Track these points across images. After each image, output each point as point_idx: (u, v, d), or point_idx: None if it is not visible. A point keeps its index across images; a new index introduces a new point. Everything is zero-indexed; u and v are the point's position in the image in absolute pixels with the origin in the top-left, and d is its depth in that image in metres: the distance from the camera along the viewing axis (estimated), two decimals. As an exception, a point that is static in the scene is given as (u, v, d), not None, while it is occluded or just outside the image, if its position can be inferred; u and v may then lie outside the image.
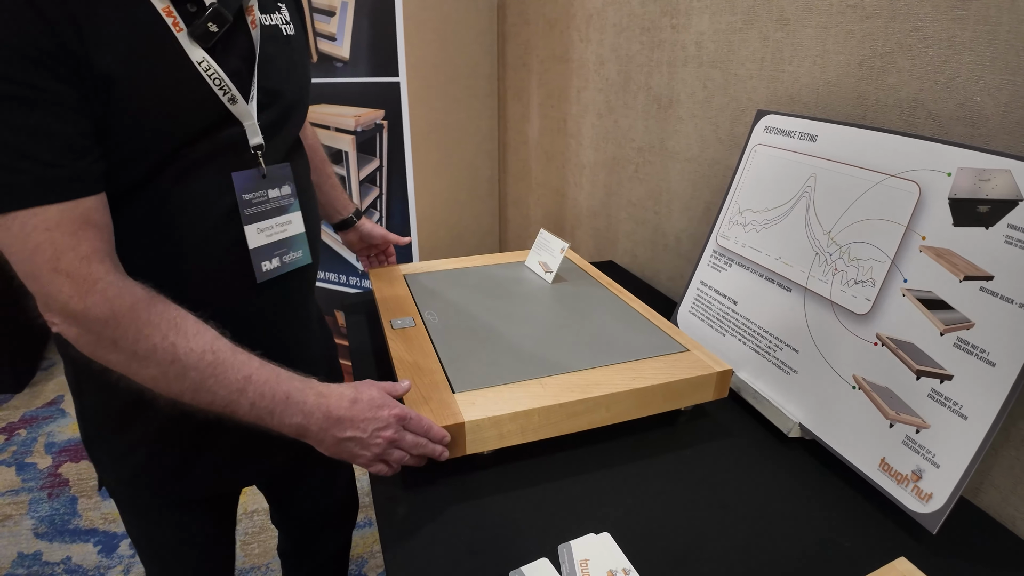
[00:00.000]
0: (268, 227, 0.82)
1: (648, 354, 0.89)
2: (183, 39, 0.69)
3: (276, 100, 0.82)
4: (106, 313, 0.64)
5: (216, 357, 0.68)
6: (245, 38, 0.77)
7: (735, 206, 1.05)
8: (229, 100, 0.74)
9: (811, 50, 1.00)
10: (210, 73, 0.71)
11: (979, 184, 0.70)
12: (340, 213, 1.23)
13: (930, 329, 0.71)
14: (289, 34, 0.86)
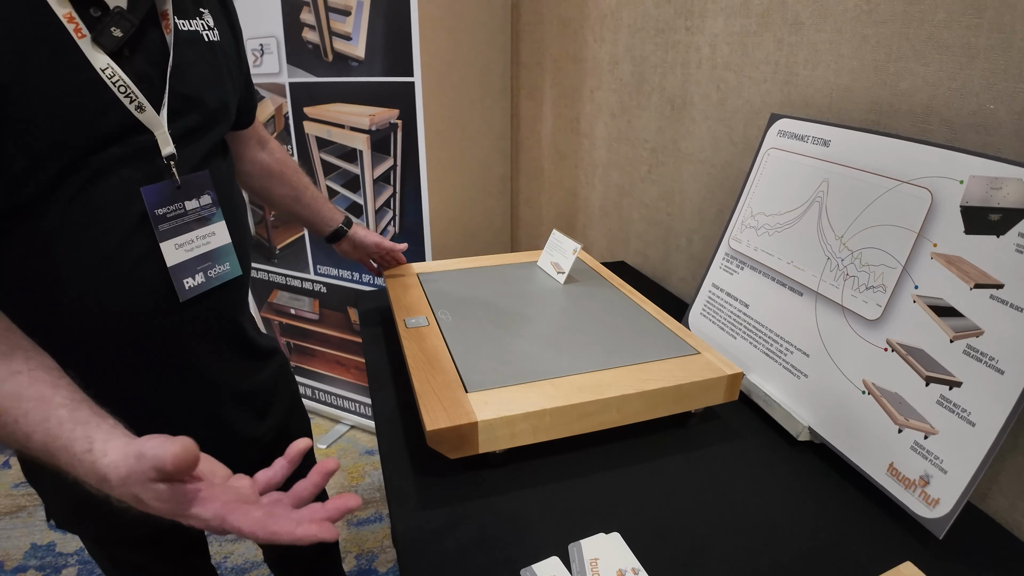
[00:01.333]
0: (188, 241, 0.78)
1: (659, 356, 0.90)
2: (85, 45, 0.66)
3: (195, 107, 0.79)
4: None
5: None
6: (158, 43, 0.74)
7: (748, 209, 1.06)
8: (136, 108, 0.71)
9: (825, 54, 1.00)
10: (115, 80, 0.68)
11: (991, 192, 0.70)
12: (329, 225, 1.21)
13: (940, 336, 0.72)
14: (212, 40, 0.83)
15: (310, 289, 2.27)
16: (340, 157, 1.98)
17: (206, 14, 0.83)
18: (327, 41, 1.81)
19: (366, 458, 2.30)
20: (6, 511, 2.11)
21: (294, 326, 2.39)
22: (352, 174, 1.98)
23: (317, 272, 2.22)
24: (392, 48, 1.74)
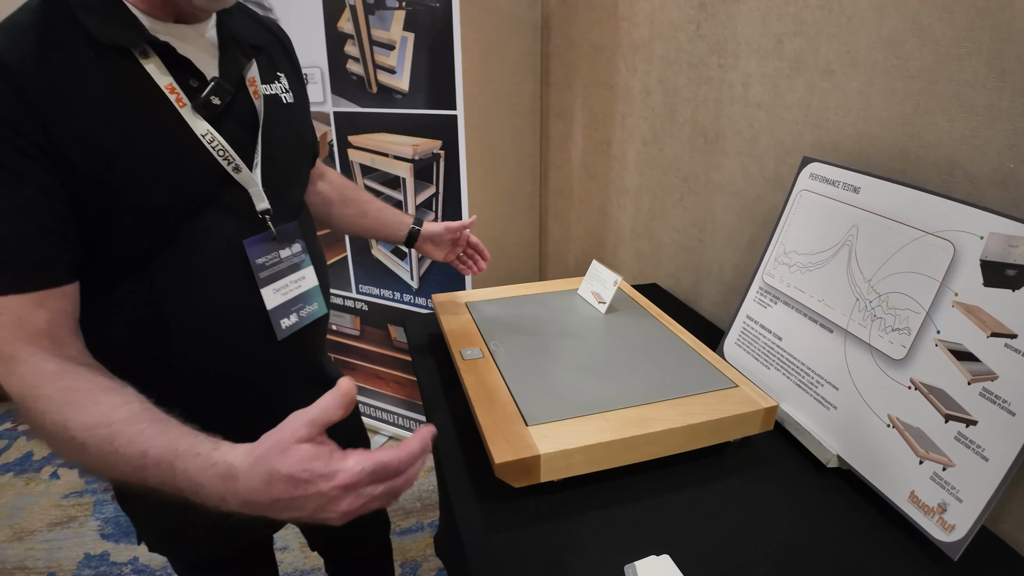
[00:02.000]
0: (283, 286, 0.86)
1: (700, 389, 0.98)
2: (186, 113, 0.73)
3: (281, 165, 0.87)
4: (18, 393, 0.63)
5: (110, 430, 0.60)
6: (247, 108, 0.82)
7: (781, 247, 1.13)
8: (234, 169, 0.78)
9: (855, 103, 1.07)
10: (214, 144, 0.75)
11: (1008, 249, 0.77)
12: (400, 230, 1.22)
13: (959, 378, 0.79)
14: (288, 102, 0.91)
15: (351, 307, 2.37)
16: (384, 183, 2.07)
17: (282, 78, 0.92)
18: (371, 73, 1.90)
19: (404, 467, 2.35)
20: (57, 522, 2.16)
21: (335, 341, 2.49)
22: (395, 200, 2.07)
23: (359, 291, 2.31)
24: (435, 82, 1.83)
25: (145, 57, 0.71)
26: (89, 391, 0.63)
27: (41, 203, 0.64)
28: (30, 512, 2.22)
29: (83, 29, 0.67)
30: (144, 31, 0.71)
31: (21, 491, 2.33)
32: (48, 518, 2.19)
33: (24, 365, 0.63)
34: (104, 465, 0.60)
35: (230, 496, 0.56)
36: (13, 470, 2.45)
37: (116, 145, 0.67)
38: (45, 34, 0.65)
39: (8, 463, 2.50)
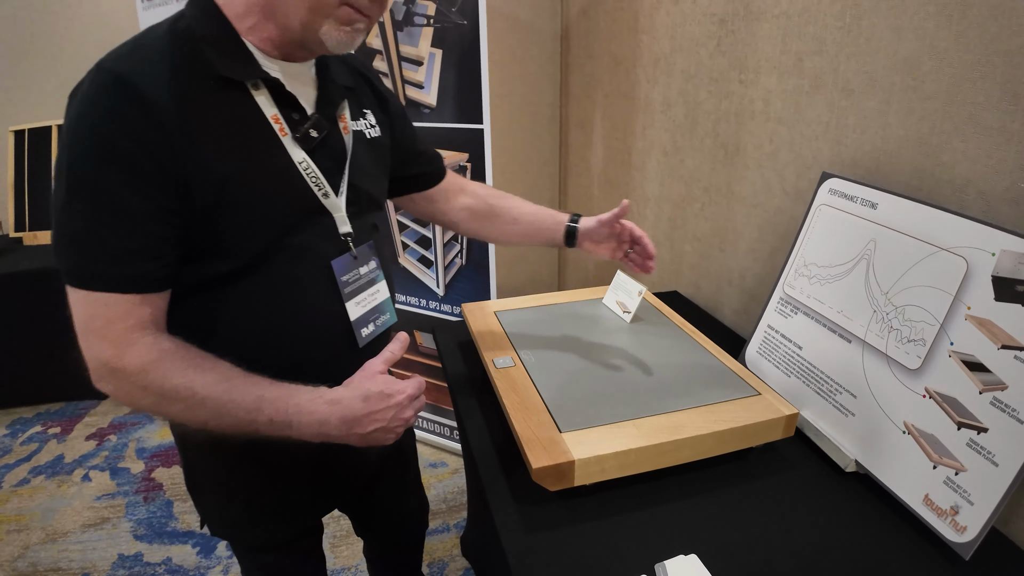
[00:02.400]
0: (363, 299, 0.96)
1: (725, 397, 1.03)
2: (287, 142, 0.82)
3: (361, 194, 0.95)
4: (137, 365, 0.74)
5: (230, 383, 0.76)
6: (338, 141, 0.91)
7: (801, 259, 1.18)
8: (323, 195, 0.87)
9: (873, 121, 1.12)
10: (308, 172, 0.84)
11: (1019, 266, 0.82)
12: (557, 230, 1.21)
13: (971, 387, 0.84)
14: (373, 136, 1.00)
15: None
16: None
17: (368, 114, 1.01)
18: (400, 88, 1.96)
19: (430, 471, 2.40)
20: (90, 523, 2.21)
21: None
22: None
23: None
24: (463, 97, 1.88)
25: (256, 89, 0.79)
26: (205, 358, 0.77)
27: (151, 227, 0.73)
28: (63, 514, 2.28)
29: (205, 60, 0.75)
30: (258, 67, 0.79)
31: (53, 493, 2.40)
32: (81, 520, 2.25)
33: (139, 345, 0.74)
34: (218, 414, 0.76)
35: (334, 418, 0.78)
36: (45, 473, 2.52)
37: (230, 168, 0.76)
38: (172, 62, 0.73)
39: (39, 466, 2.57)
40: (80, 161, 0.70)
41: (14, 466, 2.59)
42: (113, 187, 0.70)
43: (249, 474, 0.97)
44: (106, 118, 0.69)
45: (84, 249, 0.71)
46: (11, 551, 2.13)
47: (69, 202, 0.71)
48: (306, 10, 0.75)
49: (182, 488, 2.39)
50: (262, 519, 1.03)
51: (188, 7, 0.79)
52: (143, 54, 0.73)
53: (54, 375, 2.98)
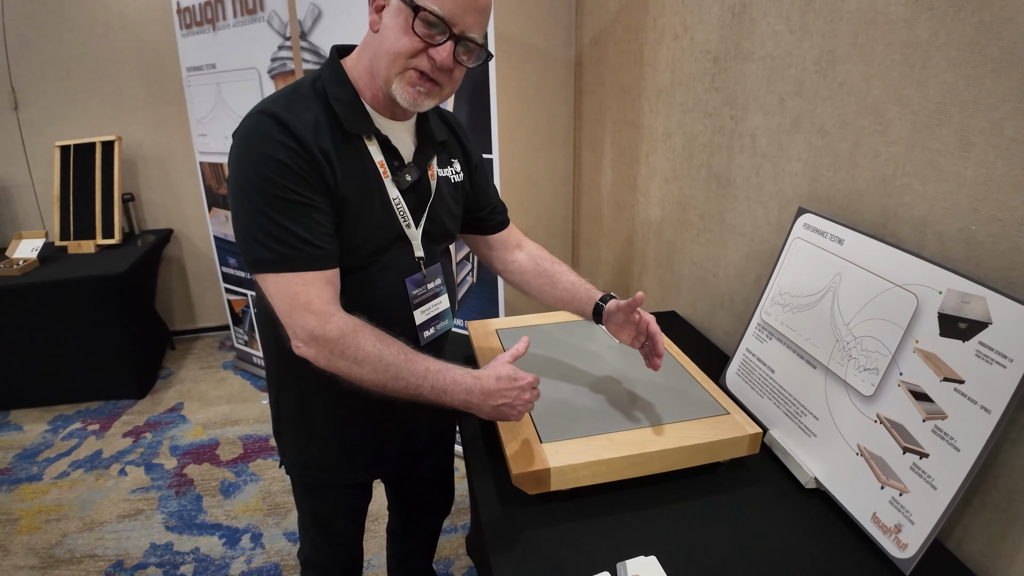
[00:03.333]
0: (427, 309, 1.16)
1: (696, 415, 1.12)
2: (387, 182, 1.05)
3: (436, 227, 1.15)
4: (336, 333, 0.94)
5: (406, 355, 0.98)
6: (425, 185, 1.12)
7: (777, 288, 1.26)
8: (407, 226, 1.08)
9: (845, 161, 1.20)
10: (399, 207, 1.06)
11: (962, 305, 0.89)
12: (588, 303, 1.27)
13: (916, 415, 0.91)
14: (456, 182, 1.21)
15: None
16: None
17: (455, 163, 1.22)
18: (416, 116, 2.09)
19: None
20: (125, 514, 2.37)
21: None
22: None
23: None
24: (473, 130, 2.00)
25: (369, 140, 1.03)
26: (384, 334, 0.98)
27: (328, 220, 0.97)
28: (100, 505, 2.44)
29: (336, 117, 0.99)
30: (373, 126, 1.03)
31: (91, 486, 2.56)
32: (117, 511, 2.41)
33: (338, 316, 0.96)
34: (395, 378, 0.96)
35: (476, 389, 0.98)
36: (84, 467, 2.69)
37: (349, 195, 0.99)
38: (315, 115, 0.97)
39: (79, 460, 2.73)
40: (264, 180, 0.92)
41: (55, 460, 2.75)
42: (295, 194, 0.93)
43: (329, 427, 1.19)
44: (275, 147, 0.92)
45: (284, 242, 0.93)
46: (49, 538, 2.28)
47: (262, 211, 0.93)
48: (386, 68, 0.96)
49: (211, 484, 2.56)
50: (330, 463, 1.23)
51: (325, 69, 1.03)
52: (294, 106, 0.96)
53: (94, 376, 3.17)
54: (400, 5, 0.93)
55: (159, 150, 3.54)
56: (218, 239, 3.27)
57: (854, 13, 1.14)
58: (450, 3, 0.92)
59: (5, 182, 3.51)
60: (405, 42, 0.93)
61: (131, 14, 3.28)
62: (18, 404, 3.19)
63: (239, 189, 0.94)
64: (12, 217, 3.58)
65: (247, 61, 2.71)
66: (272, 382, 1.22)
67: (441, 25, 0.92)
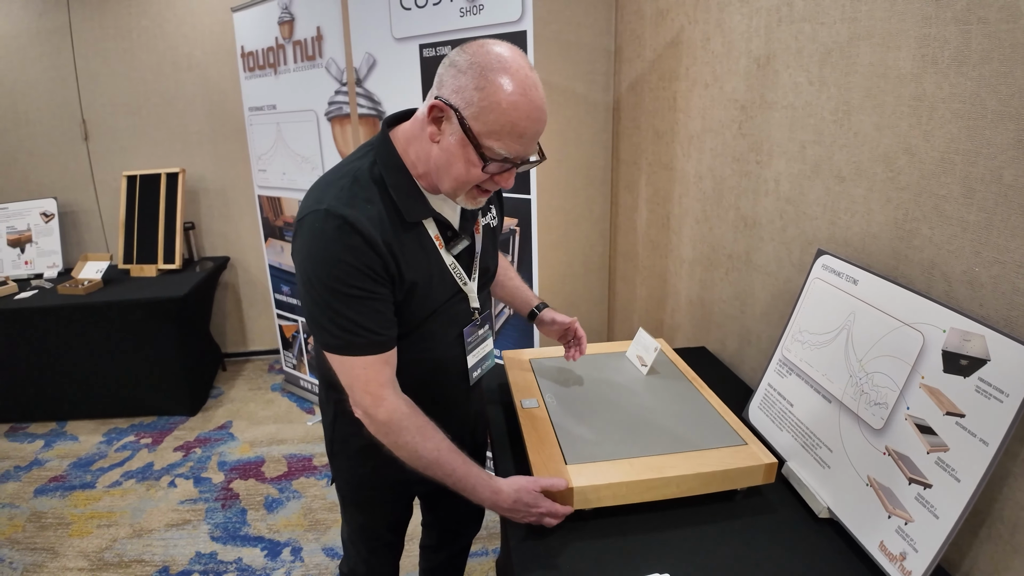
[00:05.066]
0: (476, 352, 1.29)
1: (714, 445, 1.18)
2: (443, 252, 1.14)
3: (486, 274, 1.27)
4: (384, 419, 1.07)
5: (437, 455, 1.08)
6: (473, 242, 1.22)
7: (797, 325, 1.32)
8: (463, 284, 1.19)
9: (860, 206, 1.26)
10: (455, 270, 1.16)
11: (963, 343, 0.95)
12: (526, 307, 1.55)
13: (920, 448, 0.97)
14: (493, 226, 1.31)
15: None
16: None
17: (492, 209, 1.31)
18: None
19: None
20: (173, 524, 2.50)
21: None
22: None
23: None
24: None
25: (426, 219, 1.11)
26: (425, 426, 1.09)
27: (388, 307, 1.06)
28: (149, 514, 2.58)
29: (396, 207, 1.06)
30: (430, 209, 1.11)
31: (142, 495, 2.70)
32: (165, 520, 2.54)
33: (388, 401, 1.07)
34: (426, 468, 1.09)
35: (487, 501, 1.09)
36: (136, 477, 2.84)
37: (415, 277, 1.08)
38: (377, 208, 1.03)
39: (131, 471, 2.89)
40: (332, 278, 1.00)
41: (108, 469, 2.91)
42: (359, 290, 1.01)
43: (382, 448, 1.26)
44: (342, 249, 0.99)
45: (348, 331, 1.03)
46: (100, 543, 2.42)
47: (328, 303, 1.02)
48: (450, 188, 1.05)
49: (256, 499, 2.67)
50: (381, 481, 1.33)
51: (379, 155, 1.08)
52: (357, 201, 1.02)
53: (149, 392, 3.34)
54: (465, 140, 0.98)
55: (220, 182, 3.76)
56: (273, 268, 3.43)
57: (867, 67, 1.21)
58: (518, 145, 0.99)
59: (74, 207, 3.77)
60: (473, 175, 1.01)
61: (198, 56, 3.52)
62: (75, 415, 3.38)
63: (307, 279, 1.03)
64: (79, 240, 3.83)
65: (306, 103, 2.89)
66: (328, 407, 1.32)
67: (507, 161, 1.01)
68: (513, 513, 1.09)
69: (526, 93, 0.96)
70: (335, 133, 2.82)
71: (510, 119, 0.96)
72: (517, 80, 0.96)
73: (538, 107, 0.98)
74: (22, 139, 3.61)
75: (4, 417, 3.36)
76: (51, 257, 3.63)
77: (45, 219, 3.64)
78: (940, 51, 1.05)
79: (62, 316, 3.11)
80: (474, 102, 0.96)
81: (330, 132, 2.84)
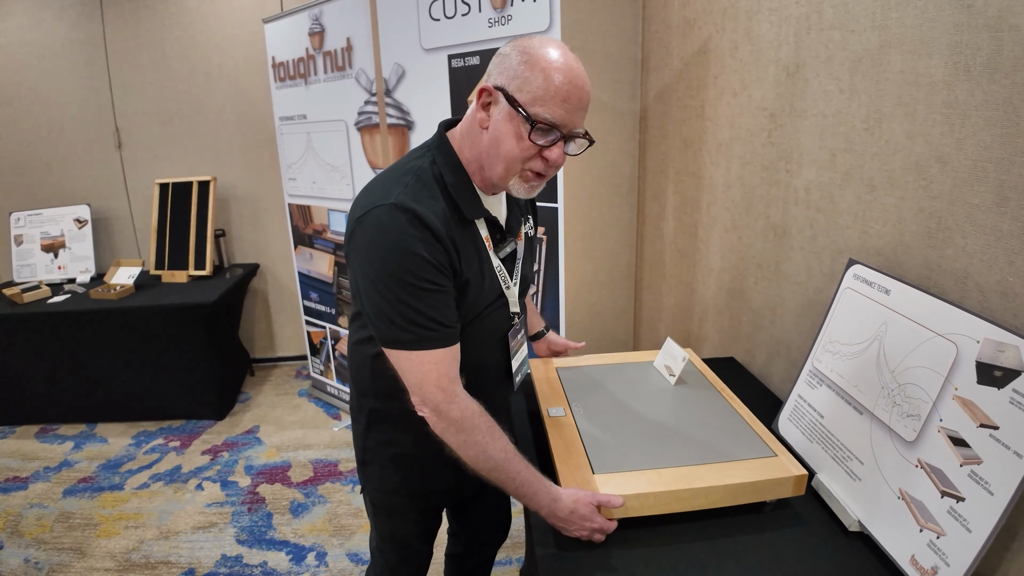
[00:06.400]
0: (518, 356, 1.31)
1: (743, 456, 1.17)
2: (491, 253, 1.17)
3: (525, 280, 1.30)
4: (457, 416, 1.07)
5: (504, 456, 1.09)
6: (514, 247, 1.25)
7: (827, 336, 1.31)
8: (506, 288, 1.21)
9: (892, 215, 1.25)
10: (500, 272, 1.18)
11: (997, 354, 0.93)
12: (535, 328, 1.65)
13: (953, 460, 0.95)
14: (531, 235, 1.35)
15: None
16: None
17: (529, 218, 1.36)
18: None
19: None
20: (199, 526, 2.53)
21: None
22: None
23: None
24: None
25: (478, 220, 1.14)
26: (494, 427, 1.10)
27: (453, 300, 1.08)
28: (176, 516, 2.62)
29: (455, 205, 1.08)
30: (484, 209, 1.14)
31: (170, 498, 2.75)
32: (192, 522, 2.57)
33: (461, 398, 1.08)
34: (490, 469, 1.08)
35: (548, 509, 1.08)
36: (164, 479, 2.88)
37: (469, 275, 1.10)
38: (441, 204, 1.06)
39: (159, 473, 2.94)
40: (404, 272, 1.01)
41: (136, 472, 2.97)
42: (430, 283, 1.02)
43: (414, 458, 1.29)
44: (414, 242, 1.01)
45: (421, 325, 1.03)
46: (127, 544, 2.46)
47: (400, 298, 1.02)
48: (502, 170, 1.06)
49: (282, 503, 2.70)
50: (413, 490, 1.34)
51: (438, 154, 1.11)
52: (422, 198, 1.04)
53: (178, 396, 3.39)
54: (512, 113, 1.02)
55: (250, 191, 3.83)
56: (301, 275, 3.48)
57: (898, 75, 1.20)
58: (562, 110, 1.00)
59: (107, 213, 3.86)
60: (522, 148, 1.03)
61: (230, 66, 3.59)
62: (105, 418, 3.45)
63: (376, 275, 1.03)
64: (111, 246, 3.92)
65: (335, 113, 2.94)
66: (361, 416, 1.32)
67: (554, 130, 1.02)
68: (567, 524, 1.08)
69: (567, 62, 1.01)
70: (364, 143, 2.86)
71: (553, 84, 0.99)
72: (559, 51, 1.02)
73: (579, 75, 1.02)
74: (57, 146, 3.71)
75: (35, 418, 3.44)
76: (84, 262, 3.72)
77: (79, 225, 3.73)
78: (972, 58, 1.04)
79: (94, 320, 3.18)
80: (519, 75, 1.01)
81: (359, 142, 2.88)
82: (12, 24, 3.51)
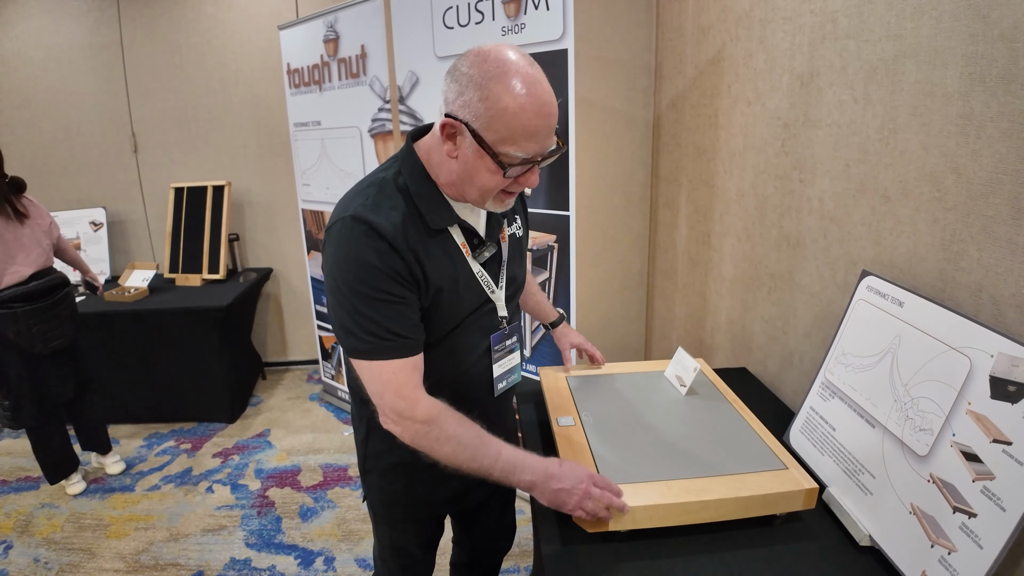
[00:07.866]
0: (503, 363, 1.28)
1: (753, 468, 1.16)
2: (470, 259, 1.15)
3: (513, 283, 1.27)
4: (423, 416, 1.06)
5: (481, 440, 1.09)
6: (499, 250, 1.22)
7: (840, 348, 1.30)
8: (491, 292, 1.19)
9: (907, 226, 1.24)
10: (482, 277, 1.17)
11: (1011, 368, 0.92)
12: (550, 316, 1.67)
13: (966, 476, 0.94)
14: (519, 236, 1.31)
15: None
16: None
17: (517, 219, 1.32)
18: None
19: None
20: (209, 529, 2.56)
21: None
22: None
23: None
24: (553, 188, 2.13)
25: (451, 226, 1.12)
26: (462, 418, 1.10)
27: (415, 311, 1.07)
28: (186, 519, 2.64)
29: (421, 214, 1.07)
30: (455, 215, 1.12)
31: (180, 500, 2.78)
32: (201, 525, 2.60)
33: (424, 401, 1.07)
34: (471, 459, 1.08)
35: (544, 482, 1.07)
36: (174, 482, 2.92)
37: (441, 284, 1.09)
38: (402, 214, 1.05)
39: (170, 475, 2.97)
40: (359, 282, 1.02)
41: (147, 473, 3.00)
42: (385, 293, 1.02)
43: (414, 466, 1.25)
44: (367, 252, 1.01)
45: (376, 335, 1.04)
46: (136, 545, 2.49)
47: (356, 308, 1.03)
48: (476, 196, 1.07)
49: (291, 507, 2.72)
50: (414, 499, 1.33)
51: (404, 166, 1.11)
52: (382, 208, 1.04)
53: (190, 398, 3.43)
54: (481, 151, 1.00)
55: (264, 196, 3.86)
56: (314, 279, 3.50)
57: (913, 85, 1.19)
58: (533, 143, 1.00)
59: (122, 217, 3.91)
60: (497, 181, 1.03)
61: (245, 72, 3.63)
62: (117, 419, 3.48)
63: (336, 285, 1.05)
64: (126, 249, 3.97)
65: (350, 120, 2.96)
66: (362, 424, 1.32)
67: (527, 162, 1.02)
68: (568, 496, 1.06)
69: (531, 92, 0.96)
70: (378, 149, 2.88)
71: (520, 122, 0.96)
72: (519, 81, 0.96)
73: (545, 102, 0.98)
74: (73, 150, 3.77)
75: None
76: (99, 265, 3.77)
77: (94, 228, 3.77)
78: (988, 69, 1.03)
79: (108, 322, 3.22)
80: (481, 113, 0.97)
81: (373, 148, 2.90)
82: (30, 28, 3.56)
